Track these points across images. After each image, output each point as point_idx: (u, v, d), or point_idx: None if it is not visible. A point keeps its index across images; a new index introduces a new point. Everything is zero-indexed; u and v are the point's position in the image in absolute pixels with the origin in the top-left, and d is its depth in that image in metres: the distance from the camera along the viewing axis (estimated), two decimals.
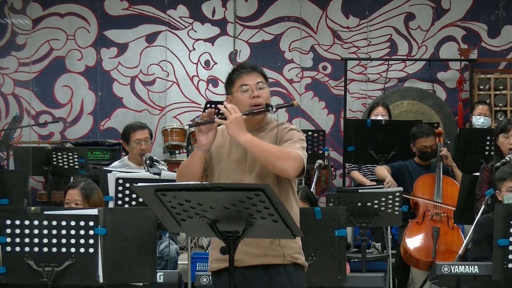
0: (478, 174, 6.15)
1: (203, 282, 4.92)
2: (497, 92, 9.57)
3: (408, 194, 6.94)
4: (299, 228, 3.83)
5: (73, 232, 4.47)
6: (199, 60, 9.96)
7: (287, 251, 3.97)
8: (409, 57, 9.88)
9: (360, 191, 6.24)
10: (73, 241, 4.47)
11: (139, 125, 6.90)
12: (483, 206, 5.65)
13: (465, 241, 5.93)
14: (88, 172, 7.81)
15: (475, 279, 4.85)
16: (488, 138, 7.29)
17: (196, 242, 8.08)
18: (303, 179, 6.85)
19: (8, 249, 4.47)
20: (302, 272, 4.06)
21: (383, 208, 6.13)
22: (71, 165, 7.73)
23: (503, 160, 5.92)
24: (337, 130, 9.85)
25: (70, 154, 7.75)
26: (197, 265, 6.47)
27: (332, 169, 9.17)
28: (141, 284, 4.66)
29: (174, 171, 6.48)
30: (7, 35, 9.94)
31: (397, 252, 6.99)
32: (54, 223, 4.46)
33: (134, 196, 5.53)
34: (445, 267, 4.89)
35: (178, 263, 6.78)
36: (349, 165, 8.32)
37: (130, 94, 9.94)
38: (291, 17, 9.94)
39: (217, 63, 9.95)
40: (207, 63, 9.97)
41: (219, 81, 9.79)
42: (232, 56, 9.92)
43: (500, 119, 9.08)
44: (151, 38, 9.94)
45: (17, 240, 4.47)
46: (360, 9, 9.92)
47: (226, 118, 3.93)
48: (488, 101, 9.17)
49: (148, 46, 9.93)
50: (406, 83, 9.88)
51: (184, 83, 9.96)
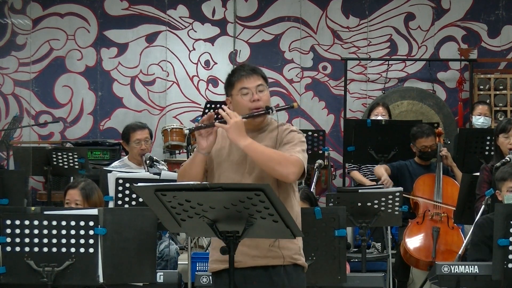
0: (478, 174, 6.15)
1: (203, 282, 4.92)
2: (497, 92, 9.57)
3: (408, 194, 6.94)
4: (299, 228, 3.84)
5: (73, 232, 4.47)
6: (199, 60, 9.96)
7: (286, 252, 3.98)
8: (409, 57, 9.87)
9: (360, 191, 6.24)
10: (73, 241, 4.47)
11: (139, 125, 6.89)
12: (483, 206, 5.65)
13: (465, 241, 5.92)
14: (88, 172, 7.81)
15: (475, 279, 4.84)
16: (488, 138, 7.29)
17: (196, 242, 8.08)
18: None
19: (8, 249, 4.47)
20: (302, 272, 4.06)
21: (383, 208, 6.13)
22: (71, 165, 7.73)
23: (503, 160, 5.92)
24: (337, 130, 9.84)
25: (70, 154, 7.74)
26: (197, 265, 6.47)
27: (332, 169, 9.17)
28: (141, 284, 4.66)
29: (174, 171, 6.49)
30: (7, 35, 9.93)
31: (397, 252, 6.99)
32: (54, 223, 4.46)
33: (134, 196, 5.53)
34: (445, 267, 4.89)
35: (178, 263, 6.78)
36: (349, 165, 8.32)
37: (130, 94, 9.94)
38: (291, 17, 9.94)
39: (217, 63, 9.94)
40: (207, 63, 9.97)
41: (219, 81, 9.79)
42: (232, 56, 9.91)
43: (500, 119, 9.07)
44: (151, 38, 9.94)
45: (17, 240, 4.47)
46: (360, 9, 9.91)
47: (226, 122, 3.94)
48: (488, 101, 9.17)
49: (148, 46, 9.93)
50: (406, 83, 9.88)
51: (184, 83, 9.96)
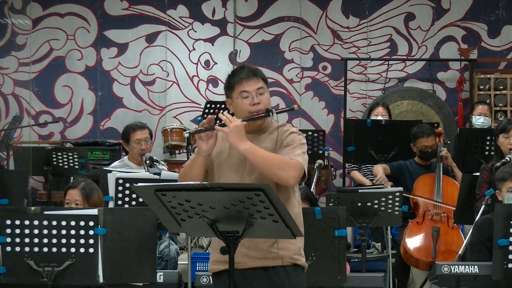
0: (478, 174, 6.15)
1: (203, 282, 4.92)
2: (497, 92, 9.57)
3: (408, 193, 6.94)
4: (299, 228, 3.84)
5: (73, 232, 4.47)
6: (199, 60, 9.96)
7: (286, 253, 3.97)
8: (409, 57, 9.87)
9: (360, 191, 6.24)
10: (73, 241, 4.47)
11: (139, 125, 6.89)
12: (483, 206, 5.65)
13: (465, 241, 5.92)
14: (88, 172, 7.81)
15: (475, 279, 4.84)
16: (488, 138, 7.29)
17: (196, 242, 8.08)
18: None
19: (8, 249, 4.47)
20: (302, 272, 4.06)
21: (383, 208, 6.12)
22: (71, 165, 7.72)
23: (503, 160, 5.91)
24: (337, 130, 9.84)
25: (70, 154, 7.74)
26: (197, 265, 6.47)
27: (332, 169, 9.17)
28: (141, 284, 4.66)
29: (174, 171, 6.50)
30: (7, 35, 9.93)
31: (397, 252, 6.98)
32: (54, 223, 4.46)
33: (134, 196, 5.53)
34: (445, 267, 4.88)
35: (178, 263, 6.78)
36: (349, 165, 8.32)
37: (130, 94, 9.94)
38: (291, 17, 9.93)
39: (217, 63, 9.94)
40: (207, 63, 9.96)
41: (219, 81, 9.79)
42: (232, 56, 9.91)
43: (500, 119, 9.08)
44: (151, 38, 9.94)
45: (17, 240, 4.47)
46: (360, 9, 9.91)
47: (226, 125, 3.93)
48: (488, 101, 9.16)
49: (148, 46, 9.93)
50: (406, 83, 9.88)
51: (184, 83, 9.96)
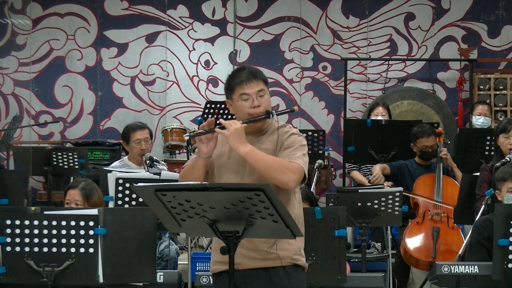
0: (478, 174, 6.15)
1: (203, 282, 4.92)
2: (497, 92, 9.57)
3: (409, 192, 6.94)
4: (299, 228, 3.84)
5: (73, 232, 4.47)
6: (199, 60, 9.96)
7: (285, 253, 3.97)
8: (409, 57, 9.87)
9: (360, 191, 6.24)
10: (73, 241, 4.47)
11: (139, 125, 6.89)
12: (483, 206, 5.65)
13: (465, 241, 5.92)
14: (88, 172, 7.81)
15: (475, 279, 4.84)
16: (488, 138, 7.29)
17: (196, 242, 8.08)
18: None
19: (8, 249, 4.47)
20: (302, 272, 4.05)
21: (383, 208, 6.12)
22: (71, 165, 7.72)
23: (503, 160, 5.91)
24: (337, 130, 9.84)
25: (70, 154, 7.74)
26: (197, 265, 6.46)
27: (332, 169, 9.17)
28: (141, 284, 4.66)
29: (174, 171, 6.50)
30: (7, 35, 9.93)
31: (397, 252, 6.98)
32: (54, 223, 4.46)
33: (134, 196, 5.52)
34: (445, 267, 4.88)
35: (178, 263, 6.78)
36: (349, 165, 8.32)
37: (130, 94, 9.94)
38: (291, 17, 9.93)
39: (217, 63, 9.94)
40: (207, 63, 9.96)
41: (219, 81, 9.79)
42: (232, 56, 9.91)
43: (500, 119, 9.08)
44: (151, 38, 9.94)
45: (17, 240, 4.46)
46: (360, 9, 9.91)
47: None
48: (488, 101, 9.16)
49: (148, 46, 9.93)
50: (406, 83, 9.88)
51: (184, 83, 9.96)
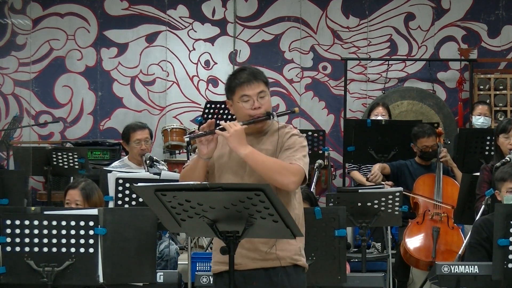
0: (478, 174, 6.15)
1: (203, 282, 4.92)
2: (497, 92, 9.57)
3: (409, 192, 6.94)
4: (299, 228, 3.83)
5: (73, 232, 4.47)
6: (199, 60, 9.96)
7: (285, 254, 3.97)
8: (409, 57, 9.87)
9: (360, 191, 6.24)
10: (73, 241, 4.47)
11: (139, 125, 6.89)
12: (483, 206, 5.65)
13: (465, 241, 5.92)
14: (88, 172, 7.81)
15: (475, 279, 4.84)
16: (488, 138, 7.29)
17: (196, 242, 8.08)
18: None
19: (8, 249, 4.47)
20: (302, 273, 4.05)
21: (383, 208, 6.12)
22: (71, 165, 7.73)
23: (503, 160, 5.91)
24: (337, 130, 9.84)
25: (70, 154, 7.74)
26: (197, 265, 6.46)
27: (332, 169, 9.17)
28: (141, 284, 4.65)
29: (174, 171, 6.50)
30: (7, 35, 9.93)
31: (397, 252, 6.98)
32: (54, 223, 4.46)
33: (134, 196, 5.52)
34: (445, 267, 4.88)
35: (178, 263, 6.78)
36: (349, 165, 8.32)
37: (130, 94, 9.94)
38: (291, 17, 9.93)
39: (217, 63, 9.94)
40: (207, 63, 9.96)
41: (219, 81, 9.79)
42: (232, 56, 9.91)
43: (500, 119, 9.08)
44: (151, 38, 9.94)
45: (17, 240, 4.46)
46: (360, 9, 9.91)
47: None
48: (488, 101, 9.17)
49: (148, 46, 9.93)
50: (406, 83, 9.88)
51: (184, 83, 9.96)
